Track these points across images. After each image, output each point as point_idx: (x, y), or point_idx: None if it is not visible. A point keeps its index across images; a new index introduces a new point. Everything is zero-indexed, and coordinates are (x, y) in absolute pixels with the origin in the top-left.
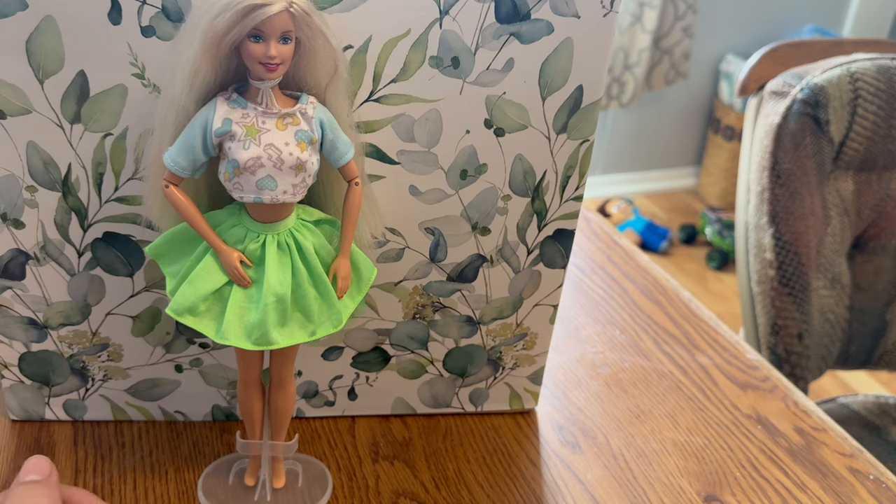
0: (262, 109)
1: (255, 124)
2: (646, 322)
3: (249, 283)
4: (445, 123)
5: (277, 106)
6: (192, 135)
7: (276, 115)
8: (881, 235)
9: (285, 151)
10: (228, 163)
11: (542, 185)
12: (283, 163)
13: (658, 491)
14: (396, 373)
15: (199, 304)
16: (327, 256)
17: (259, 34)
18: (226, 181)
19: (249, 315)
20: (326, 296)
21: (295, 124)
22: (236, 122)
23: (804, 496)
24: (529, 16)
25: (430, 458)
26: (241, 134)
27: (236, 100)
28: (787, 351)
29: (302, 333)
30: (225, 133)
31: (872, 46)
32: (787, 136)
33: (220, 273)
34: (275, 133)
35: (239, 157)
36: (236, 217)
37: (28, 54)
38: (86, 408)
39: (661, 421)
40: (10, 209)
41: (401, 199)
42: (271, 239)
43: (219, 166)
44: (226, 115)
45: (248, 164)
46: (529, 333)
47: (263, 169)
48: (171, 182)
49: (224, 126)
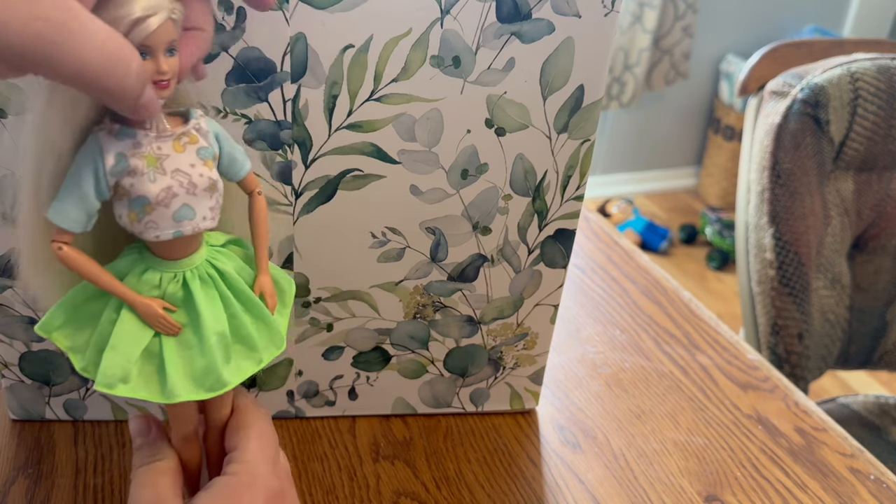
0: (154, 134)
1: (153, 152)
2: (646, 322)
3: (180, 330)
4: (446, 123)
5: (169, 127)
6: (79, 181)
7: (171, 137)
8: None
9: (195, 174)
10: (133, 202)
11: (543, 185)
12: (195, 187)
13: (659, 491)
14: (397, 372)
15: (131, 370)
16: (248, 278)
17: (145, 50)
18: (133, 223)
19: (194, 362)
20: (262, 318)
21: (193, 142)
22: (131, 155)
23: (805, 496)
24: (530, 15)
25: (431, 457)
26: (141, 167)
27: (121, 131)
28: (787, 351)
29: (249, 364)
30: (123, 171)
31: (872, 46)
32: (788, 136)
33: (143, 328)
34: (175, 157)
35: (148, 192)
36: (140, 262)
37: None
38: (86, 407)
39: (661, 421)
40: (11, 209)
41: (401, 198)
42: (191, 275)
43: (115, 210)
44: (116, 150)
45: (160, 198)
46: (530, 333)
47: (178, 199)
48: (63, 241)
49: (119, 163)
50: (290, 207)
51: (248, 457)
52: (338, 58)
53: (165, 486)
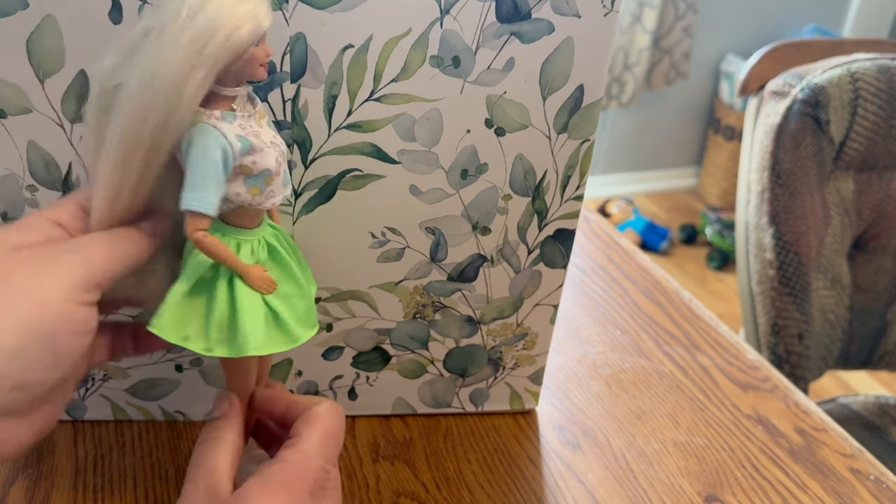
0: (245, 114)
1: (252, 130)
2: (646, 322)
3: (276, 286)
4: (446, 123)
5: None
6: (214, 168)
7: (255, 115)
8: (881, 235)
9: (279, 142)
10: (255, 177)
11: (543, 185)
12: (284, 154)
13: (659, 491)
14: (397, 373)
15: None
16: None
17: (258, 40)
18: (255, 196)
19: (297, 307)
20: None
21: (262, 116)
22: (244, 135)
23: (805, 496)
24: (530, 15)
25: (431, 458)
26: (259, 143)
27: (224, 115)
28: (787, 351)
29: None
30: (246, 150)
31: (872, 46)
32: (788, 136)
33: (255, 298)
34: (265, 130)
35: (269, 164)
36: (226, 238)
37: (29, 53)
38: (86, 407)
39: (661, 421)
40: (11, 208)
41: (401, 198)
42: (266, 238)
43: (230, 189)
44: (234, 132)
45: (277, 168)
46: (530, 333)
47: (282, 166)
48: (203, 228)
49: (244, 143)
50: (290, 207)
51: (305, 447)
52: (337, 58)
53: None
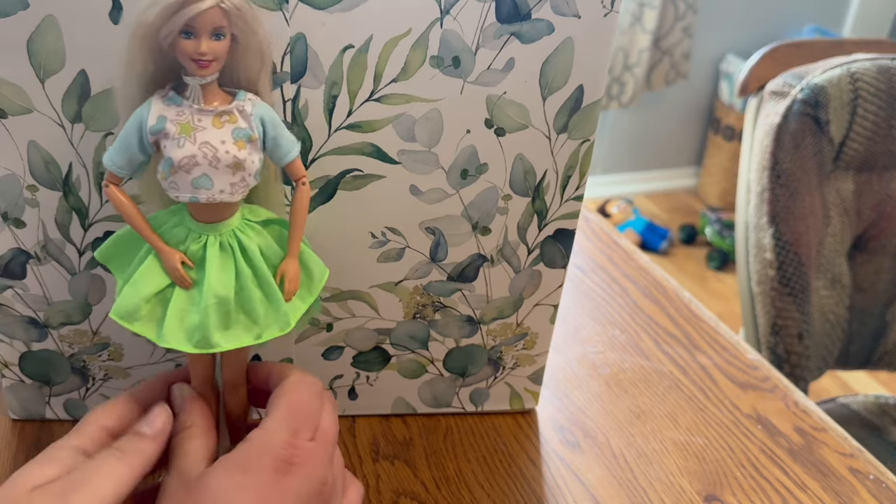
0: (196, 107)
1: (191, 122)
2: (646, 322)
3: (191, 285)
4: (446, 123)
5: (213, 103)
6: (129, 133)
7: (212, 113)
8: (881, 235)
9: (221, 150)
10: (164, 161)
11: (543, 185)
12: (218, 161)
13: (658, 491)
14: (397, 372)
15: (142, 307)
16: (274, 258)
17: (190, 30)
18: (162, 180)
19: (190, 317)
20: (273, 298)
21: (232, 122)
22: (171, 119)
23: (804, 496)
24: (530, 15)
25: (431, 457)
26: (174, 132)
27: (171, 97)
28: (787, 351)
29: (247, 336)
30: (159, 131)
31: (872, 46)
32: (788, 136)
33: (162, 275)
34: (211, 131)
35: (173, 156)
36: (179, 217)
37: (29, 53)
38: (86, 407)
39: (661, 421)
40: (11, 208)
41: (401, 198)
42: (213, 240)
43: (156, 164)
44: (160, 112)
45: (182, 163)
46: (530, 333)
47: (199, 167)
48: (112, 182)
49: (158, 123)
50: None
51: (267, 424)
52: (337, 58)
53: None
